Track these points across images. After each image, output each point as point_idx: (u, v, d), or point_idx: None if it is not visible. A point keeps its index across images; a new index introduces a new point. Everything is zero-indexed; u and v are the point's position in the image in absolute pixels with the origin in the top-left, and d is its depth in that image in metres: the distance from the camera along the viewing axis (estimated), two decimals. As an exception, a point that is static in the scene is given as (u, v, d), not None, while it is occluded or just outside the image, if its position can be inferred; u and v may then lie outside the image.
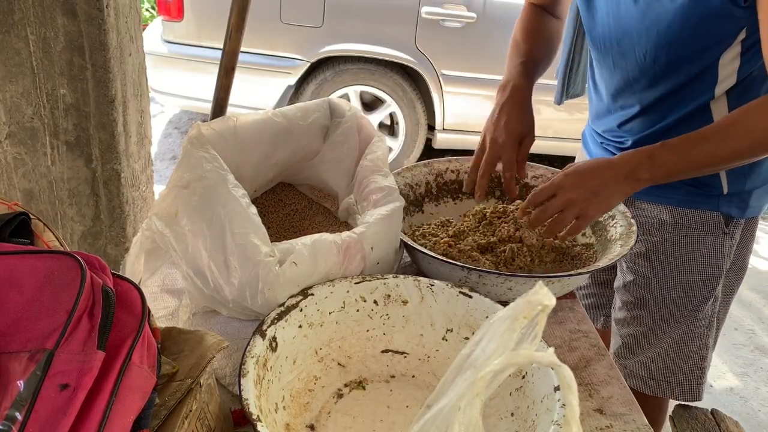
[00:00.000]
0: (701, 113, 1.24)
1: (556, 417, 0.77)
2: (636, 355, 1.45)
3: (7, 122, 1.61)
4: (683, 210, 1.33)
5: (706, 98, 1.23)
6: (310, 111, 1.25)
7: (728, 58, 1.18)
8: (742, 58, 1.17)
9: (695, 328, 1.39)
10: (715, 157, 1.13)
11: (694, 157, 1.12)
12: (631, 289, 1.43)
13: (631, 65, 1.28)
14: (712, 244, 1.33)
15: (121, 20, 1.63)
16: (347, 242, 1.00)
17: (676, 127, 1.25)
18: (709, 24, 1.13)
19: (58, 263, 0.65)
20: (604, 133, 1.44)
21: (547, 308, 0.57)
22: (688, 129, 1.15)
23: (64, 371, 0.60)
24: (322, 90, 3.98)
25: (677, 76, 1.23)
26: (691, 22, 1.14)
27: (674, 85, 1.24)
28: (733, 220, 1.33)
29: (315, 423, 0.91)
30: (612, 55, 1.31)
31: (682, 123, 1.25)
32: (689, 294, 1.37)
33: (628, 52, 1.26)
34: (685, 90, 1.24)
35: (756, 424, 2.59)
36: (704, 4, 1.11)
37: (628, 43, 1.25)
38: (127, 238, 1.78)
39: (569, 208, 1.12)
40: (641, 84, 1.29)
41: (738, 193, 1.30)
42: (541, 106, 4.03)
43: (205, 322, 1.02)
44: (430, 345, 1.01)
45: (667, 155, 1.12)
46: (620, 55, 1.29)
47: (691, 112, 1.25)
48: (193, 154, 1.01)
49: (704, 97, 1.23)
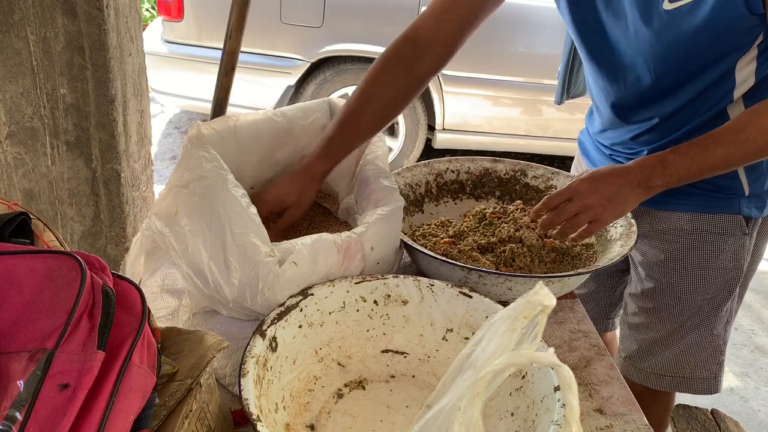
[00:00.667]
0: (719, 118, 1.22)
1: (556, 417, 0.77)
2: (653, 357, 1.44)
3: (7, 122, 1.61)
4: (703, 215, 1.31)
5: (725, 104, 1.21)
6: (310, 111, 1.25)
7: (745, 62, 1.16)
8: (758, 60, 1.16)
9: (714, 327, 1.39)
10: (728, 159, 1.14)
11: (707, 161, 1.13)
12: (649, 296, 1.41)
13: (646, 84, 1.24)
14: (734, 246, 1.33)
15: (121, 20, 1.63)
16: (347, 242, 1.00)
17: (694, 134, 1.21)
18: (728, 37, 1.11)
19: (58, 263, 0.65)
20: (613, 146, 1.40)
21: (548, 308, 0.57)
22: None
23: (64, 371, 0.60)
24: (322, 90, 3.98)
25: (694, 86, 1.20)
26: (710, 40, 1.11)
27: (692, 94, 1.22)
28: (752, 220, 1.32)
29: (315, 423, 0.90)
30: (624, 76, 1.26)
31: (700, 129, 1.22)
32: (711, 297, 1.36)
33: (643, 73, 1.22)
34: (702, 98, 1.21)
35: (756, 424, 2.59)
36: (723, 21, 1.08)
37: (643, 64, 1.21)
38: (127, 238, 1.78)
39: (584, 212, 1.14)
40: (657, 99, 1.25)
41: (758, 194, 1.30)
42: (542, 106, 4.07)
43: (205, 322, 1.02)
44: (430, 345, 1.01)
45: (679, 160, 1.13)
46: (634, 77, 1.24)
47: (709, 119, 1.23)
48: (193, 154, 1.01)
49: (722, 102, 1.21)
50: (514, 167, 1.43)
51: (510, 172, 1.43)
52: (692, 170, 1.13)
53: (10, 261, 0.65)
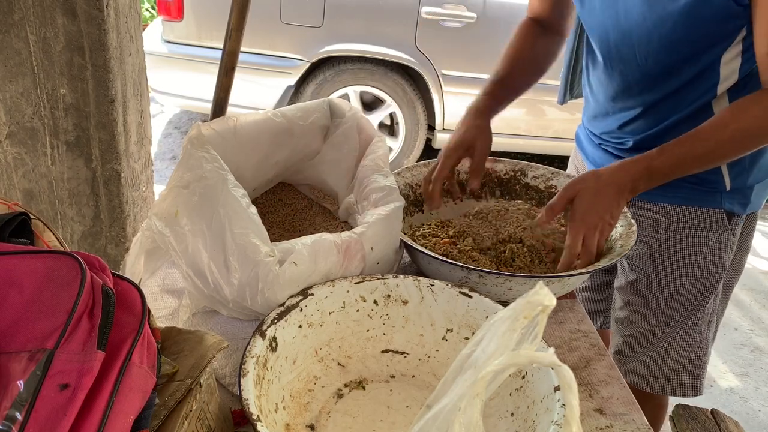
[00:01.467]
0: (703, 112, 1.24)
1: (556, 417, 0.77)
2: (637, 355, 1.45)
3: (7, 122, 1.61)
4: (686, 208, 1.33)
5: (708, 97, 1.23)
6: (310, 111, 1.25)
7: (729, 57, 1.18)
8: (743, 57, 1.18)
9: (697, 325, 1.40)
10: (712, 157, 1.18)
11: (689, 162, 1.17)
12: (633, 289, 1.43)
13: (631, 68, 1.27)
14: (715, 242, 1.34)
15: (121, 20, 1.63)
16: (347, 242, 1.00)
17: (678, 127, 1.25)
18: (711, 24, 1.14)
19: (58, 263, 0.65)
20: (602, 134, 1.43)
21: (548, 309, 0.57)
22: (690, 128, 1.16)
23: (64, 371, 0.60)
24: (322, 90, 3.98)
25: (679, 76, 1.23)
26: (694, 23, 1.14)
27: (676, 85, 1.24)
28: (734, 216, 1.33)
29: (315, 423, 0.91)
30: (611, 58, 1.30)
31: (684, 122, 1.25)
32: (692, 291, 1.37)
33: (628, 55, 1.26)
34: (686, 90, 1.24)
35: (756, 424, 2.59)
36: (707, 5, 1.11)
37: (629, 47, 1.25)
38: (127, 238, 1.78)
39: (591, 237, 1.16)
40: (642, 86, 1.28)
41: (740, 189, 1.31)
42: (543, 106, 4.07)
43: (205, 322, 1.02)
44: (430, 345, 1.01)
45: (664, 160, 1.17)
46: (620, 59, 1.29)
47: (692, 112, 1.25)
48: (193, 154, 1.01)
49: (706, 96, 1.23)
50: (514, 167, 1.43)
51: (510, 172, 1.43)
52: (678, 170, 1.19)
53: (10, 261, 0.65)
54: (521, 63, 1.42)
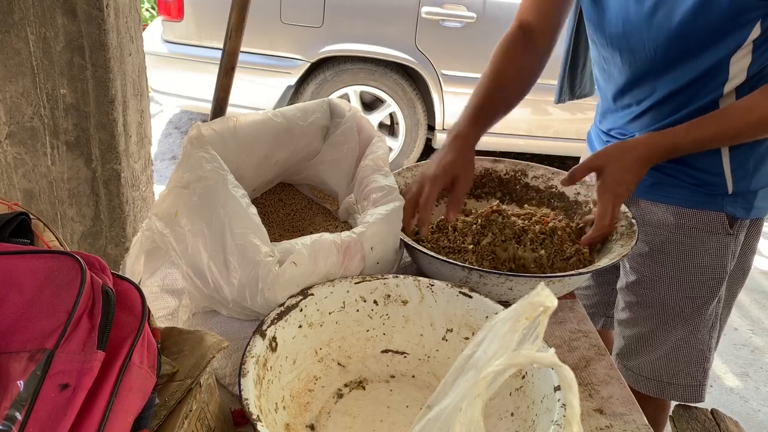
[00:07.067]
0: (710, 110, 1.23)
1: (556, 417, 0.77)
2: (639, 357, 1.45)
3: (7, 122, 1.61)
4: (687, 210, 1.33)
5: (716, 95, 1.23)
6: (310, 111, 1.25)
7: (739, 56, 1.18)
8: (753, 55, 1.18)
9: (698, 330, 1.39)
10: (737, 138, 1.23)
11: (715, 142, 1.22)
12: (634, 290, 1.43)
13: (640, 61, 1.27)
14: (716, 246, 1.33)
15: (121, 20, 1.63)
16: (347, 242, 1.00)
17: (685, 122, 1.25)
18: (721, 17, 1.13)
19: (58, 263, 0.65)
20: (610, 131, 1.43)
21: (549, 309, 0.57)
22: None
23: (64, 371, 0.60)
24: (322, 90, 3.98)
25: (687, 72, 1.22)
26: (705, 16, 1.14)
27: (684, 81, 1.24)
28: (737, 221, 1.32)
29: (315, 423, 0.90)
30: (621, 52, 1.30)
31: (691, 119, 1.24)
32: (692, 295, 1.36)
33: (637, 48, 1.26)
34: (695, 86, 1.24)
35: (756, 424, 2.59)
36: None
37: (638, 40, 1.24)
38: (127, 238, 1.78)
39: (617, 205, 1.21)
40: (650, 81, 1.28)
41: (743, 193, 1.30)
42: (543, 106, 4.07)
43: (205, 322, 1.02)
44: (430, 345, 1.01)
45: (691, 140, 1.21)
46: (629, 52, 1.28)
47: (699, 108, 1.24)
48: (193, 155, 1.01)
49: (713, 94, 1.23)
50: (515, 167, 1.43)
51: (510, 172, 1.43)
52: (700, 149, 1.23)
53: (10, 261, 0.65)
54: (503, 85, 1.36)
